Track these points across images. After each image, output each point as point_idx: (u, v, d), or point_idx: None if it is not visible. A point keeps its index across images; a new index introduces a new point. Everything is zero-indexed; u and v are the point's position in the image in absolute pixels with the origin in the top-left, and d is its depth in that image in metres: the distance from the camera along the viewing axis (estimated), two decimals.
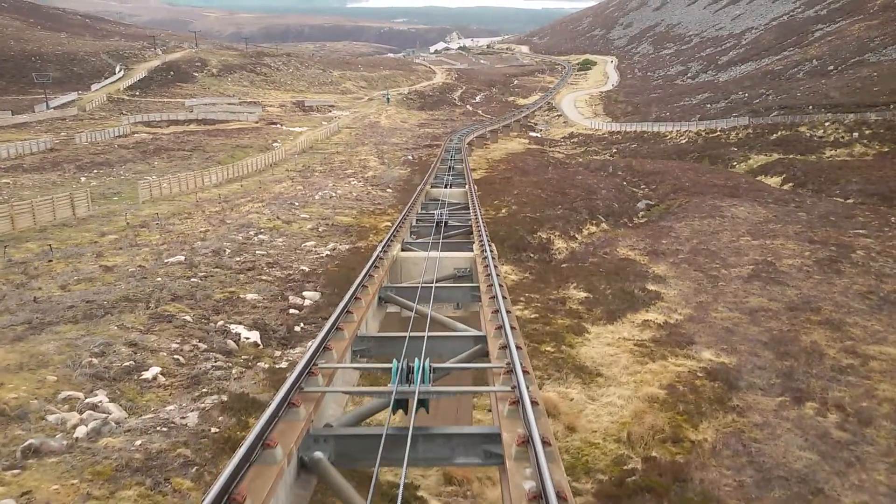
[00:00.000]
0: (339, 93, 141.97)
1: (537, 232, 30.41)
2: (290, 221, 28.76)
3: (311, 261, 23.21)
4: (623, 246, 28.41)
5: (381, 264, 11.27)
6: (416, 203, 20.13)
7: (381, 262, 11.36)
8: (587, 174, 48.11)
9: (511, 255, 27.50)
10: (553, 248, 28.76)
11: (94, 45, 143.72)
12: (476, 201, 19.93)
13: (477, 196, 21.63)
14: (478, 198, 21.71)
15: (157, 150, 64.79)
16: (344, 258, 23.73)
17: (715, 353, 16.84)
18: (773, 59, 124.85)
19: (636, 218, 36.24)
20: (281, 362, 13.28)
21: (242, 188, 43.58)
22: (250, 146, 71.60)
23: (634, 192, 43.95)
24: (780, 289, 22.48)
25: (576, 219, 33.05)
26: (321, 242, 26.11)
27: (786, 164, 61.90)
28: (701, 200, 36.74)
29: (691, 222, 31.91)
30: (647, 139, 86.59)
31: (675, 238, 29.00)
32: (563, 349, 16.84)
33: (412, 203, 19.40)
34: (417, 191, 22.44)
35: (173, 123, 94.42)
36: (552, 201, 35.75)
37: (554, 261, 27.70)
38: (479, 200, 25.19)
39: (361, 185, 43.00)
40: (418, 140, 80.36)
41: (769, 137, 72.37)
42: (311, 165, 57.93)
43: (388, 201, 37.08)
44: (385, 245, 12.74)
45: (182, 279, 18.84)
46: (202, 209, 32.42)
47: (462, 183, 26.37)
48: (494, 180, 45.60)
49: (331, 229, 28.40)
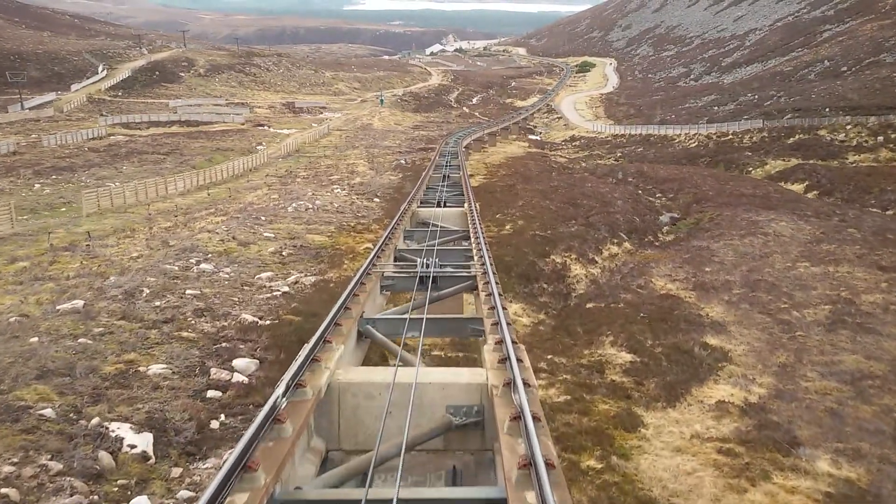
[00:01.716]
0: (331, 94, 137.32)
1: (550, 255, 25.34)
2: (248, 243, 23.48)
3: (260, 303, 17.52)
4: (659, 275, 23.35)
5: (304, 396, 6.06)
6: (395, 235, 14.70)
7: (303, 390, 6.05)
8: (597, 181, 43.43)
9: (521, 288, 22.24)
10: (570, 276, 23.61)
11: (76, 44, 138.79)
12: (482, 235, 14.15)
13: (479, 216, 16.84)
14: (480, 220, 16.83)
15: (129, 154, 59.96)
16: (306, 298, 18.18)
17: (832, 460, 11.78)
18: (780, 60, 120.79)
19: (661, 234, 31.36)
20: (180, 488, 8.44)
21: (210, 197, 38.76)
22: (232, 149, 66.86)
23: (651, 201, 39.27)
24: (873, 339, 17.53)
25: (593, 237, 28.16)
26: (281, 273, 20.60)
27: (807, 170, 57.57)
28: (733, 213, 32.05)
29: (730, 241, 27.12)
30: (653, 142, 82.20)
31: (720, 264, 24.01)
32: (613, 463, 11.54)
33: (386, 238, 13.93)
34: (399, 213, 16.54)
35: (154, 125, 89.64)
36: (563, 214, 30.91)
37: (574, 295, 22.57)
38: (479, 212, 20.62)
39: (345, 193, 38.22)
40: (412, 143, 75.74)
41: (786, 141, 68.02)
42: (295, 170, 53.22)
43: (374, 213, 32.24)
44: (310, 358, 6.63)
45: (67, 339, 13.25)
46: (151, 225, 27.38)
47: (459, 198, 21.15)
48: (495, 188, 40.84)
49: (298, 253, 23.11)
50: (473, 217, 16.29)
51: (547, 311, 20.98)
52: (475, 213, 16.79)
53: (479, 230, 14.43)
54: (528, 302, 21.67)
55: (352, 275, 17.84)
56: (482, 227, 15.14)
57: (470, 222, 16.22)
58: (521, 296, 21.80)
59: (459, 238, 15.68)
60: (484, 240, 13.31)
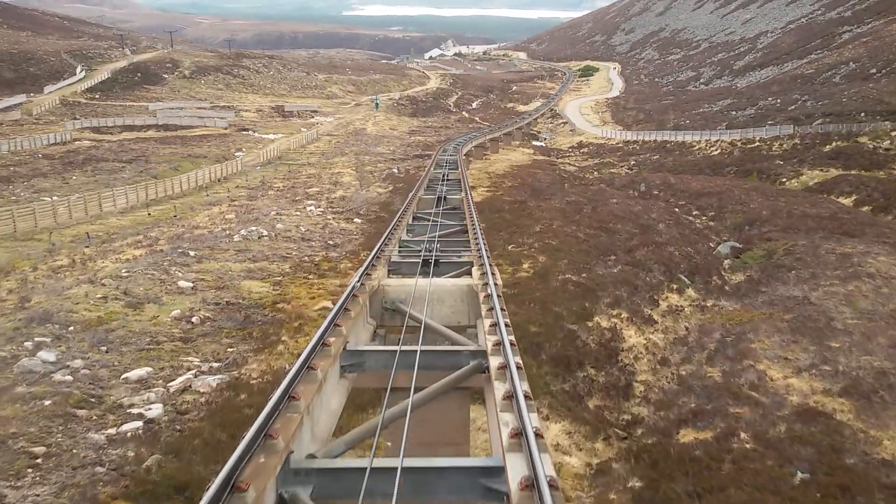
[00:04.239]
0: (324, 97, 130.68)
1: (592, 314, 18.00)
2: (143, 301, 15.86)
3: (85, 460, 9.54)
4: (768, 357, 15.60)
5: None
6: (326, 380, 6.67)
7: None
8: (623, 198, 36.42)
9: (556, 383, 14.27)
10: (625, 349, 16.56)
11: (56, 44, 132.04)
12: (517, 375, 6.19)
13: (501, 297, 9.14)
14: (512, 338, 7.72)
15: (86, 161, 53.10)
16: (184, 438, 10.32)
17: None
18: (798, 62, 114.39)
19: (725, 272, 23.97)
20: None
21: (151, 217, 31.82)
22: (205, 156, 60.01)
23: (691, 221, 32.34)
24: None
25: (644, 280, 20.95)
26: (168, 367, 12.71)
27: (852, 182, 50.90)
28: (810, 243, 24.89)
29: (831, 288, 19.73)
30: (670, 150, 75.50)
31: (845, 332, 15.63)
32: None
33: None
34: (345, 296, 8.53)
35: (128, 129, 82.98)
36: (596, 245, 23.57)
37: (638, 394, 14.56)
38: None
39: (320, 211, 31.19)
40: (407, 150, 68.99)
41: (822, 149, 61.24)
42: (270, 181, 46.42)
43: (351, 241, 25.15)
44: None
45: None
46: (36, 264, 20.17)
47: (462, 246, 13.14)
48: (502, 205, 33.72)
49: (217, 318, 15.62)
50: (500, 329, 7.52)
51: (606, 435, 12.79)
52: (497, 304, 8.42)
53: (517, 384, 6.01)
54: (572, 414, 13.24)
55: (285, 365, 11.18)
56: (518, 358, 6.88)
57: (498, 332, 7.54)
58: (559, 401, 13.76)
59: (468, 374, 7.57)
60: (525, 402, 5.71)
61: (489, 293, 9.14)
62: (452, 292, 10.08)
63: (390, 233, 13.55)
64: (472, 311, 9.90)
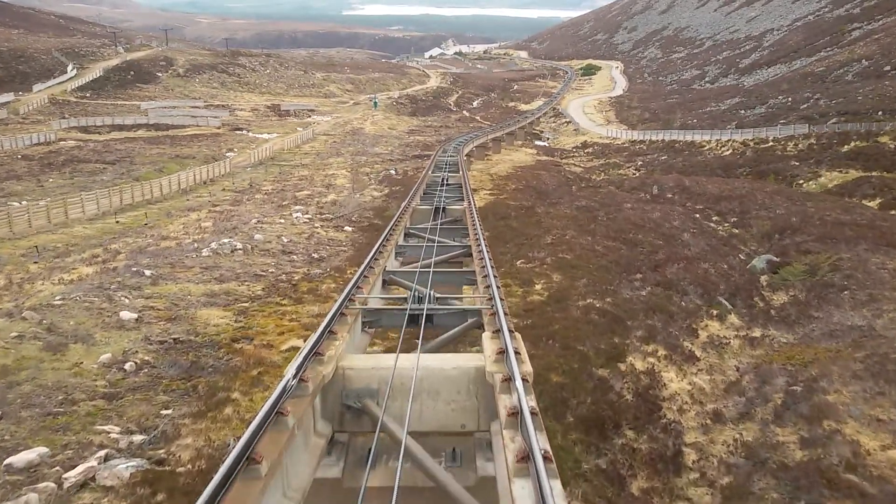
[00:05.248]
0: (321, 96, 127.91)
1: (624, 352, 14.71)
2: (64, 343, 12.49)
3: None
4: (852, 415, 12.24)
5: None
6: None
7: None
8: (638, 202, 33.64)
9: (589, 457, 10.88)
10: (666, 400, 12.86)
11: (47, 42, 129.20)
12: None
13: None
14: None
15: (66, 163, 50.36)
16: None
17: None
18: (808, 60, 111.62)
19: (765, 292, 21.01)
20: None
21: (120, 225, 29.03)
22: (194, 157, 57.29)
23: (713, 228, 29.56)
24: None
25: (679, 307, 17.82)
26: (68, 449, 9.37)
27: (875, 184, 48.25)
28: (854, 256, 22.05)
29: (894, 314, 17.18)
30: (679, 150, 72.73)
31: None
32: None
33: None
34: (269, 402, 5.34)
35: (117, 129, 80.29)
36: (618, 260, 20.34)
37: (692, 466, 11.13)
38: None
39: (308, 218, 28.38)
40: (406, 150, 66.27)
41: (839, 149, 58.47)
42: (259, 183, 43.70)
43: (339, 254, 22.32)
44: None
45: None
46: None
47: (466, 280, 10.63)
48: (507, 211, 30.83)
49: (159, 362, 12.43)
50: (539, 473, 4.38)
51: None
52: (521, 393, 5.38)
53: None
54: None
55: (229, 440, 8.61)
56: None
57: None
58: (595, 487, 10.25)
59: None
60: None
61: (514, 387, 5.63)
62: (452, 378, 6.69)
63: (368, 266, 9.97)
64: (483, 408, 6.61)
